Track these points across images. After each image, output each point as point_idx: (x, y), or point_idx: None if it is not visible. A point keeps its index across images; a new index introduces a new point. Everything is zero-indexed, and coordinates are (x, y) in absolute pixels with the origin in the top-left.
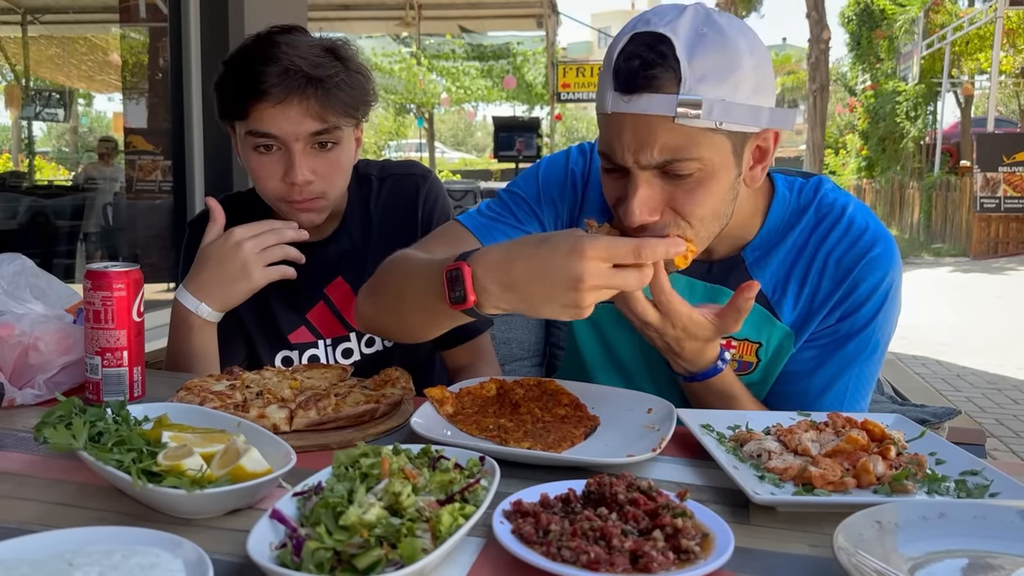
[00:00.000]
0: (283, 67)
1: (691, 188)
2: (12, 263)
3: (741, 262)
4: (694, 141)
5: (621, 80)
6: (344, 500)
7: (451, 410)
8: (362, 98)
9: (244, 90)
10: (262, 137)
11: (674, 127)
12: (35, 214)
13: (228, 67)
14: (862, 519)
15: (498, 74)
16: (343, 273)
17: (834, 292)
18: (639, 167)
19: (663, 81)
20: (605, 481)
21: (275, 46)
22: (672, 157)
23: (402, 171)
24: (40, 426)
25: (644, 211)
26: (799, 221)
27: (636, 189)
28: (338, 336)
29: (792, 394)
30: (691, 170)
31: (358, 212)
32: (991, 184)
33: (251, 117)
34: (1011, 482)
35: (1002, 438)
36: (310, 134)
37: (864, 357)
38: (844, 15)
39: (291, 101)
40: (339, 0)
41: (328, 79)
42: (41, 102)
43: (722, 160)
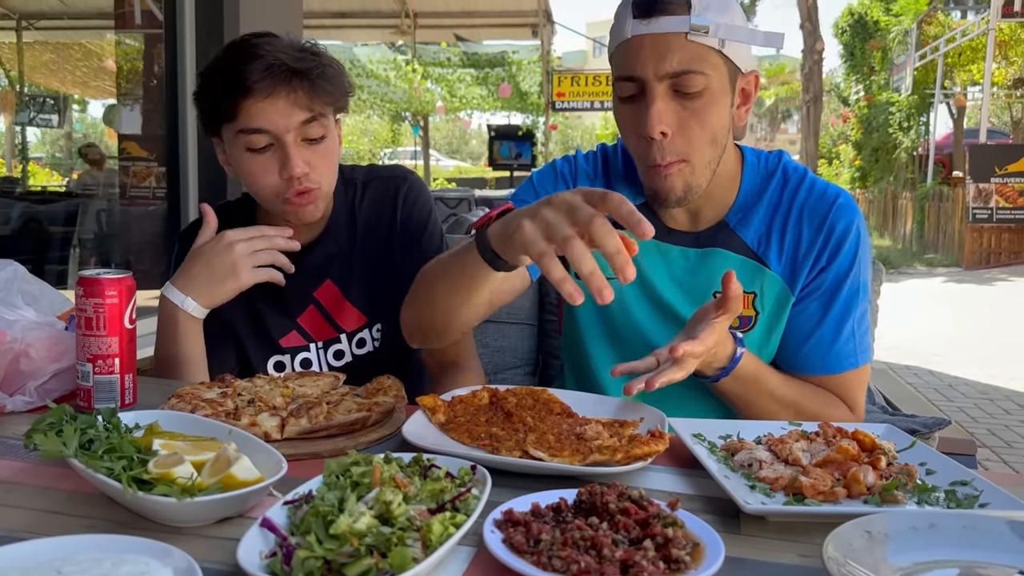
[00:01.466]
0: (266, 63)
1: (699, 108)
2: (4, 269)
3: (726, 225)
4: (702, 57)
5: (641, 8)
6: (335, 509)
7: (443, 419)
8: (342, 88)
9: (230, 90)
10: (254, 133)
11: (687, 43)
12: (28, 219)
13: (208, 75)
14: (852, 529)
15: (493, 82)
16: (331, 276)
17: (816, 238)
18: (656, 79)
19: (676, 6)
20: (596, 490)
21: (253, 46)
22: (686, 68)
23: (385, 174)
24: (31, 433)
25: (660, 121)
26: (769, 183)
27: (653, 101)
28: (329, 338)
29: (809, 351)
30: (699, 86)
31: (343, 216)
32: (983, 195)
33: (240, 116)
34: (1000, 492)
35: (994, 448)
36: (300, 124)
37: (859, 298)
38: (838, 26)
39: (279, 94)
40: (335, 8)
41: (310, 70)
42: (35, 108)
43: (721, 83)
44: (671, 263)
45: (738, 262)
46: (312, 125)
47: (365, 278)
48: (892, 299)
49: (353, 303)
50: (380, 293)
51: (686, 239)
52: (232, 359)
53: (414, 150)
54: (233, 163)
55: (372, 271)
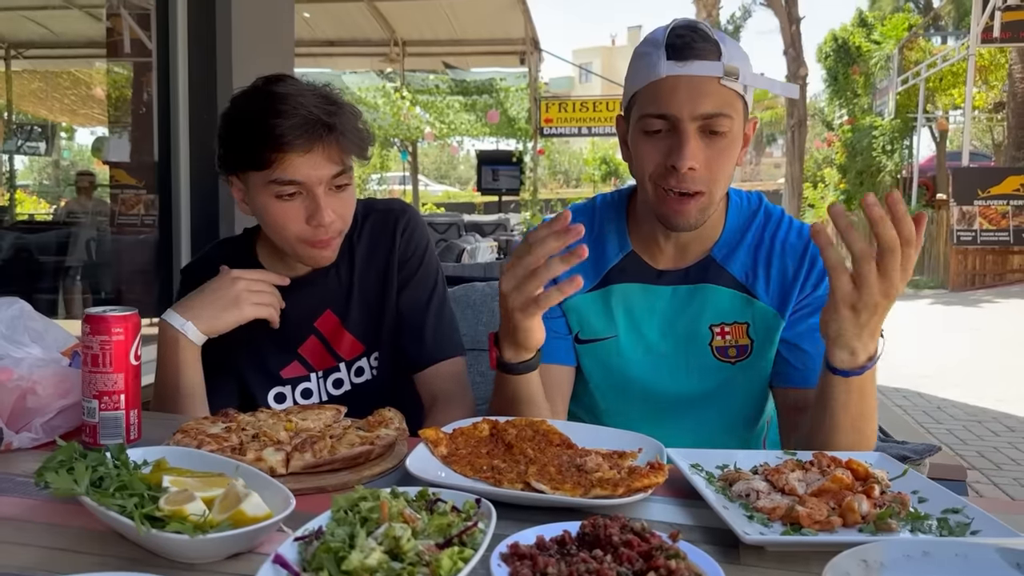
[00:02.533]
0: (302, 118)
1: (722, 148)
2: (11, 307)
3: (713, 260)
4: (730, 102)
5: (677, 51)
6: (345, 545)
7: (445, 451)
8: (365, 138)
9: (264, 143)
10: (287, 185)
11: (719, 87)
12: (18, 249)
13: (237, 124)
14: (848, 558)
15: (481, 109)
16: (331, 306)
17: (800, 267)
18: (691, 119)
19: (707, 52)
20: (599, 523)
21: (282, 98)
22: (718, 111)
23: (382, 207)
24: (41, 471)
25: (693, 157)
26: (753, 221)
27: (688, 139)
28: (329, 367)
29: (807, 365)
30: (725, 128)
31: (343, 248)
32: (967, 217)
33: (274, 167)
34: (991, 520)
35: (983, 470)
36: (331, 177)
37: None
38: (821, 51)
39: (315, 148)
40: (324, 37)
41: (340, 124)
42: (23, 136)
43: (738, 128)
44: (662, 305)
45: (728, 295)
46: (340, 177)
47: (363, 308)
48: None
49: (352, 332)
50: (377, 323)
51: (675, 277)
52: (232, 392)
53: (403, 175)
54: (255, 206)
55: (370, 301)
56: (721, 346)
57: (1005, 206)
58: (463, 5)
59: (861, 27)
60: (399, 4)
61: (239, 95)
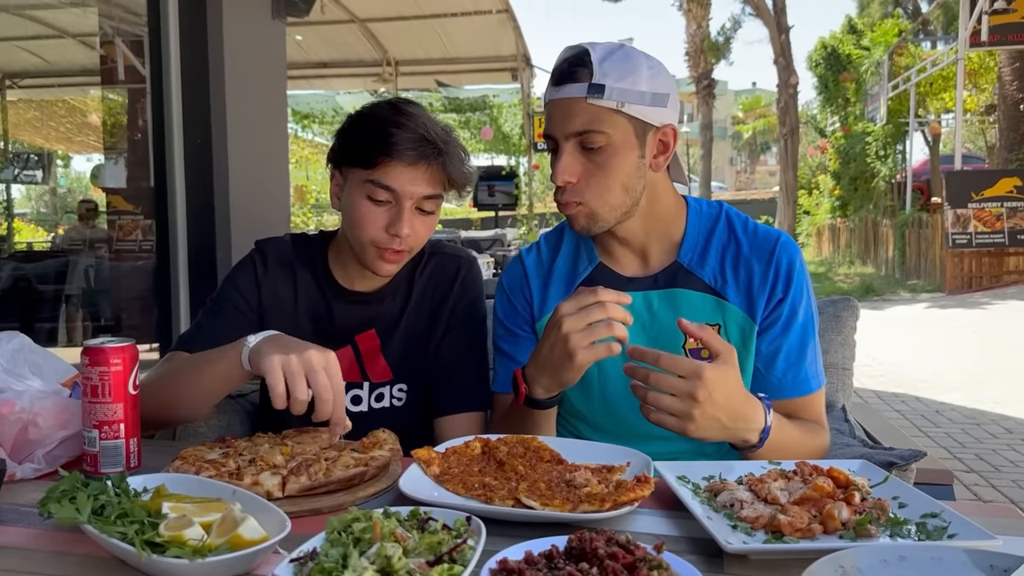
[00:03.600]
0: (420, 134)
1: (602, 161)
2: (11, 341)
3: (681, 266)
4: (600, 118)
5: (554, 77)
6: (339, 565)
7: (437, 470)
8: (469, 176)
9: (377, 146)
10: (382, 189)
11: (587, 106)
12: (16, 278)
13: (360, 124)
14: (826, 565)
15: (475, 126)
16: (377, 328)
17: (767, 272)
18: (564, 138)
19: (579, 75)
20: (586, 536)
21: (407, 114)
22: (586, 128)
23: (450, 251)
24: (45, 501)
25: (565, 172)
26: (716, 225)
27: (561, 156)
28: (352, 382)
29: (783, 376)
30: (600, 143)
31: (405, 279)
32: (962, 220)
33: (378, 169)
34: (968, 523)
35: (982, 473)
36: (423, 197)
37: (813, 324)
38: (811, 59)
39: (420, 165)
40: (316, 58)
41: (450, 152)
42: (19, 164)
43: (624, 139)
44: (635, 313)
45: (699, 299)
46: (431, 200)
47: (404, 340)
48: (877, 326)
49: (386, 358)
50: (413, 356)
51: (645, 283)
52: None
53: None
54: (346, 200)
55: (413, 336)
56: (694, 348)
57: (999, 208)
58: (454, 24)
59: (851, 34)
60: (391, 24)
61: (371, 103)
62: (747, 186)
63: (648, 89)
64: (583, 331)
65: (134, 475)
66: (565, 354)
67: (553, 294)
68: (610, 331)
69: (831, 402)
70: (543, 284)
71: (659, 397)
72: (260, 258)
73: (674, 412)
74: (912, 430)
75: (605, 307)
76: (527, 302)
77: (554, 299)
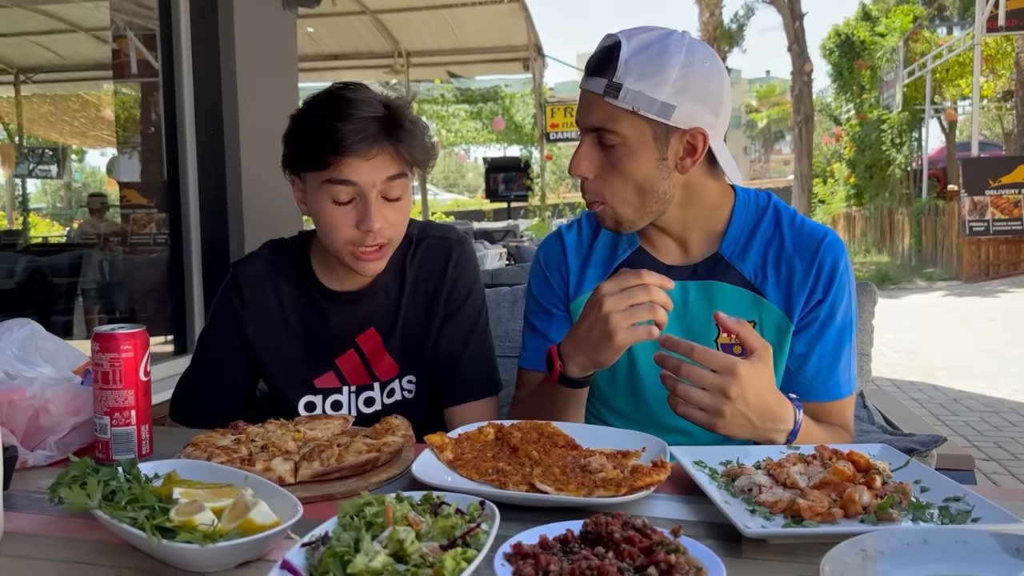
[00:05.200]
0: (363, 122)
1: (617, 159)
2: (22, 328)
3: (721, 258)
4: (616, 118)
5: (587, 64)
6: (351, 549)
7: (451, 456)
8: (427, 150)
9: (324, 145)
10: (342, 187)
11: (604, 103)
12: (32, 272)
13: (302, 124)
14: (847, 548)
15: (487, 116)
16: (375, 324)
17: (808, 271)
18: (584, 129)
19: (604, 69)
20: (601, 521)
21: (350, 103)
22: (600, 125)
23: (439, 233)
24: (55, 487)
25: (581, 164)
26: (763, 219)
27: (580, 147)
28: (363, 384)
29: (813, 379)
30: (614, 142)
31: (396, 268)
32: (979, 208)
33: (331, 168)
34: (992, 507)
35: (1001, 461)
36: (385, 180)
37: (851, 329)
38: (825, 47)
39: (374, 153)
40: (328, 51)
41: (405, 130)
42: (35, 159)
43: (640, 141)
44: (672, 301)
45: (736, 293)
46: (395, 184)
47: (405, 331)
48: (893, 315)
49: (391, 354)
50: (416, 348)
51: (683, 272)
52: (254, 398)
53: (412, 185)
54: (311, 207)
55: (412, 326)
56: (726, 343)
57: (1017, 195)
58: (466, 14)
59: (865, 20)
60: (402, 16)
61: (311, 98)
62: (761, 175)
63: (673, 91)
64: (624, 312)
65: (145, 461)
66: (604, 334)
67: (591, 275)
68: (652, 314)
69: None
70: (582, 263)
71: (689, 390)
72: (235, 287)
73: (704, 407)
74: (930, 418)
75: (648, 290)
76: (563, 280)
77: (591, 280)
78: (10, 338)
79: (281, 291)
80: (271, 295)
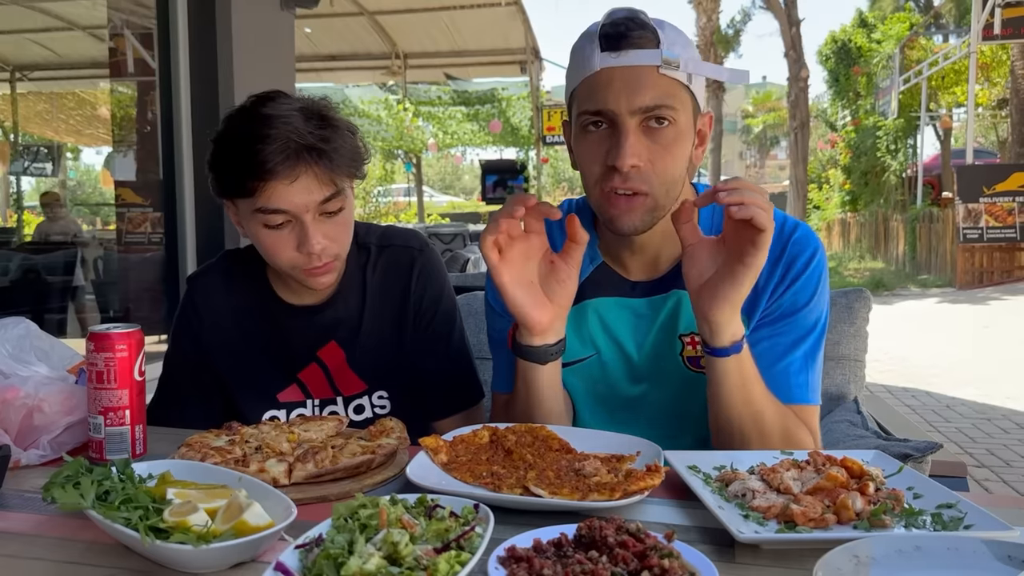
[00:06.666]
0: (284, 143)
1: (667, 143)
2: (17, 327)
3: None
4: (672, 93)
5: (610, 41)
6: (345, 551)
7: (445, 458)
8: (359, 156)
9: (248, 171)
10: (273, 214)
11: (660, 77)
12: (27, 270)
13: (223, 149)
14: (840, 554)
15: (484, 118)
16: (336, 338)
17: (774, 270)
18: (630, 113)
19: (646, 40)
20: (595, 525)
21: (268, 122)
22: (659, 102)
23: (400, 242)
24: (48, 486)
25: (634, 154)
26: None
27: (627, 135)
28: (326, 398)
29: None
30: (670, 120)
31: (355, 280)
32: (973, 215)
33: (259, 195)
34: (984, 514)
35: (993, 468)
36: (320, 202)
37: (817, 331)
38: (822, 53)
39: (298, 175)
40: (326, 51)
41: (327, 145)
42: (29, 157)
43: (687, 120)
44: (639, 318)
45: None
46: (332, 201)
47: (370, 345)
48: (887, 321)
49: (354, 369)
50: (384, 362)
51: (649, 287)
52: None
53: (407, 187)
54: (248, 233)
55: (378, 339)
56: (692, 356)
57: (1011, 203)
58: (463, 16)
59: (861, 27)
60: (400, 17)
61: (228, 116)
62: (757, 180)
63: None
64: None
65: (139, 462)
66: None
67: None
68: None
69: (843, 394)
70: None
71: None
72: (191, 303)
73: (763, 207)
74: (923, 425)
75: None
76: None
77: None
78: (4, 336)
79: (238, 304)
80: (227, 309)
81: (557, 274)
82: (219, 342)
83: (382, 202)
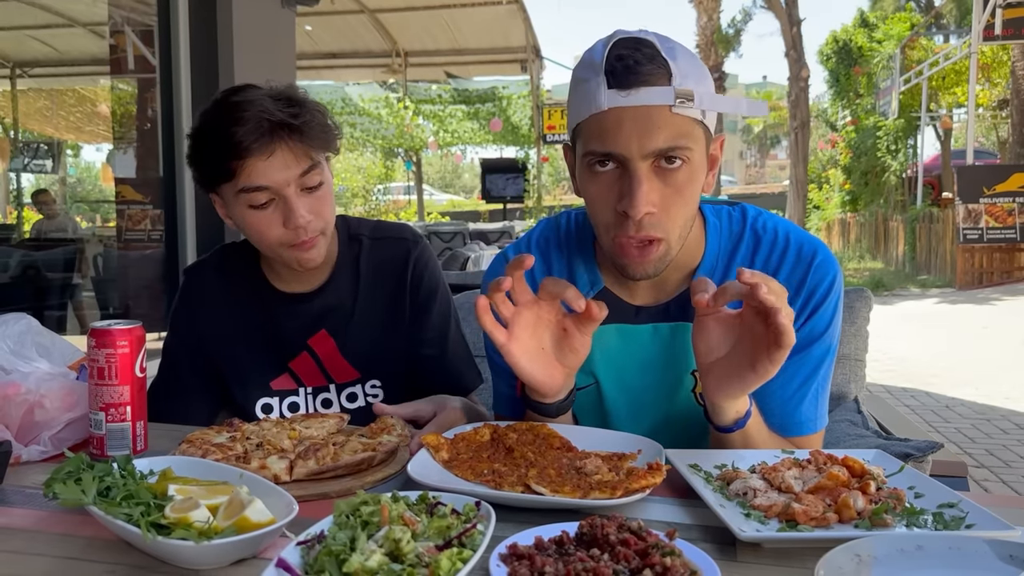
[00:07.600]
0: (257, 123)
1: (680, 185)
2: (18, 323)
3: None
4: (686, 132)
5: (618, 77)
6: (346, 548)
7: (446, 456)
8: (331, 131)
9: (226, 152)
10: (255, 191)
11: (673, 116)
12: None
13: (199, 138)
14: (841, 553)
15: (484, 117)
16: (327, 327)
17: (795, 299)
18: (641, 157)
19: (657, 76)
20: (597, 523)
21: (239, 107)
22: (673, 144)
23: (394, 234)
24: (50, 482)
25: (648, 202)
26: (739, 246)
27: (640, 182)
28: (318, 386)
29: (774, 411)
30: (683, 159)
31: (347, 270)
32: (973, 215)
33: (239, 175)
34: (986, 513)
35: (992, 468)
36: (299, 176)
37: (827, 359)
38: (823, 53)
39: (274, 150)
40: (326, 49)
41: (298, 120)
42: (29, 153)
43: (701, 157)
44: (642, 346)
45: None
46: (310, 175)
47: (363, 335)
48: (887, 321)
49: (347, 358)
50: (378, 351)
51: (654, 314)
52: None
53: (407, 185)
54: (235, 218)
55: (371, 329)
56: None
57: (1011, 203)
58: (464, 15)
59: (862, 27)
60: (401, 15)
61: (201, 111)
62: (757, 180)
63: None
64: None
65: (140, 458)
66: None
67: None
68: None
69: (843, 393)
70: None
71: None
72: (186, 292)
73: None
74: (923, 425)
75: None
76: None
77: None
78: (5, 332)
79: (232, 294)
80: (222, 298)
81: (571, 342)
82: (214, 330)
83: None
